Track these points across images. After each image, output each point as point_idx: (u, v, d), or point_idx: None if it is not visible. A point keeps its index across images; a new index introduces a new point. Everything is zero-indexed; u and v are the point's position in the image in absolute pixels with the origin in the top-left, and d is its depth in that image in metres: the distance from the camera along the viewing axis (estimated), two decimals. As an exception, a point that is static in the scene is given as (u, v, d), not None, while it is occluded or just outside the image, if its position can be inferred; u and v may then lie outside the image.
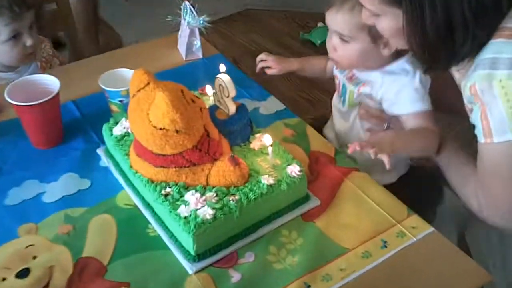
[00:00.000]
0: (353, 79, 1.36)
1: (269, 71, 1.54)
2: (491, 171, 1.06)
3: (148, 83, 1.07)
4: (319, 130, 1.47)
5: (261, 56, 1.56)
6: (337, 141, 1.47)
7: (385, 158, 1.07)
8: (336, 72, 1.43)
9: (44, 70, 1.67)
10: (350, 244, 1.09)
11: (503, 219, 1.10)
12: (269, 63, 1.54)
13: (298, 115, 1.46)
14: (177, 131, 1.04)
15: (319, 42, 3.23)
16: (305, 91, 2.89)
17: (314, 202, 1.17)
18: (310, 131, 1.39)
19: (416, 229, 1.11)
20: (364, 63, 1.31)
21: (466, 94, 1.06)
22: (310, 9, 3.61)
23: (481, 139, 1.04)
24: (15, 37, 1.53)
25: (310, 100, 2.85)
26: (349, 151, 1.06)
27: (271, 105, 1.48)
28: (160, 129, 1.03)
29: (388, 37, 1.14)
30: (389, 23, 1.07)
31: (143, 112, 1.06)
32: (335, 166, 1.27)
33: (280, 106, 1.48)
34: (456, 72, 1.15)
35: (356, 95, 1.35)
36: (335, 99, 1.47)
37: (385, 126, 1.30)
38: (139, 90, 1.08)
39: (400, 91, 1.25)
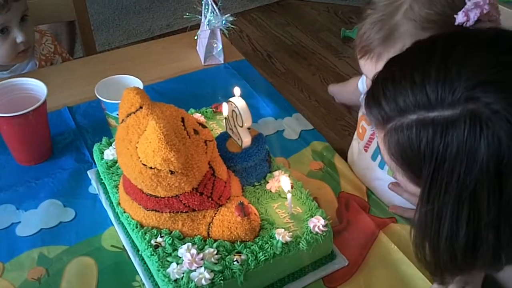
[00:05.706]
0: None
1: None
2: None
3: (141, 107, 0.86)
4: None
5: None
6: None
7: None
8: (364, 124, 1.13)
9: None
10: (382, 325, 0.86)
11: None
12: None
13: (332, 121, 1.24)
14: (171, 172, 0.82)
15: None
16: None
17: (340, 262, 0.94)
18: (340, 163, 1.15)
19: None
20: None
21: None
22: (355, 3, 3.34)
23: None
24: (3, 32, 1.30)
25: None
26: None
27: (297, 124, 1.26)
28: (151, 168, 0.82)
29: None
30: (406, 182, 0.77)
31: (131, 144, 0.85)
32: (368, 214, 1.04)
33: (307, 126, 1.25)
34: None
35: None
36: (359, 151, 1.16)
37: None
38: (129, 115, 0.87)
39: None
